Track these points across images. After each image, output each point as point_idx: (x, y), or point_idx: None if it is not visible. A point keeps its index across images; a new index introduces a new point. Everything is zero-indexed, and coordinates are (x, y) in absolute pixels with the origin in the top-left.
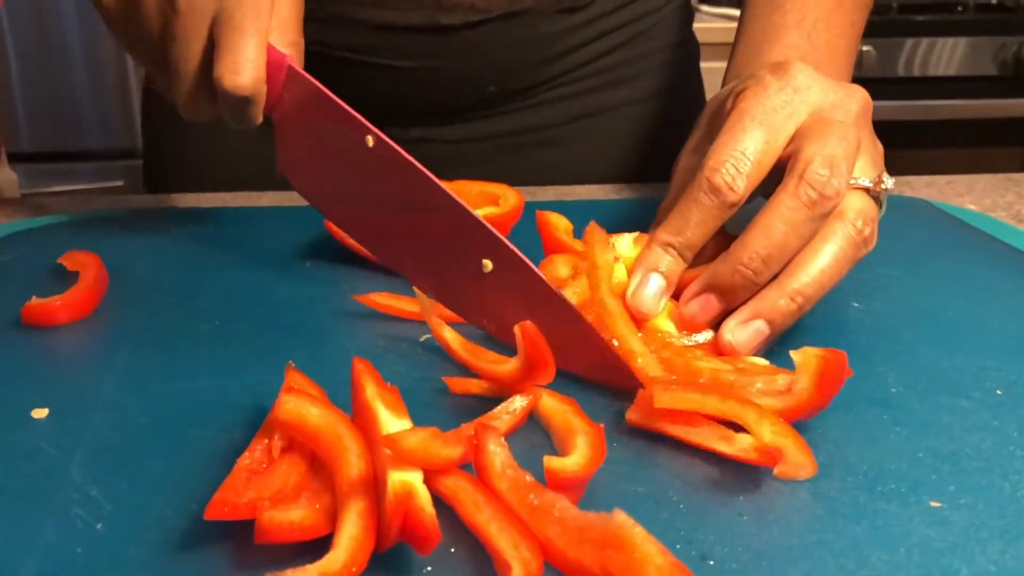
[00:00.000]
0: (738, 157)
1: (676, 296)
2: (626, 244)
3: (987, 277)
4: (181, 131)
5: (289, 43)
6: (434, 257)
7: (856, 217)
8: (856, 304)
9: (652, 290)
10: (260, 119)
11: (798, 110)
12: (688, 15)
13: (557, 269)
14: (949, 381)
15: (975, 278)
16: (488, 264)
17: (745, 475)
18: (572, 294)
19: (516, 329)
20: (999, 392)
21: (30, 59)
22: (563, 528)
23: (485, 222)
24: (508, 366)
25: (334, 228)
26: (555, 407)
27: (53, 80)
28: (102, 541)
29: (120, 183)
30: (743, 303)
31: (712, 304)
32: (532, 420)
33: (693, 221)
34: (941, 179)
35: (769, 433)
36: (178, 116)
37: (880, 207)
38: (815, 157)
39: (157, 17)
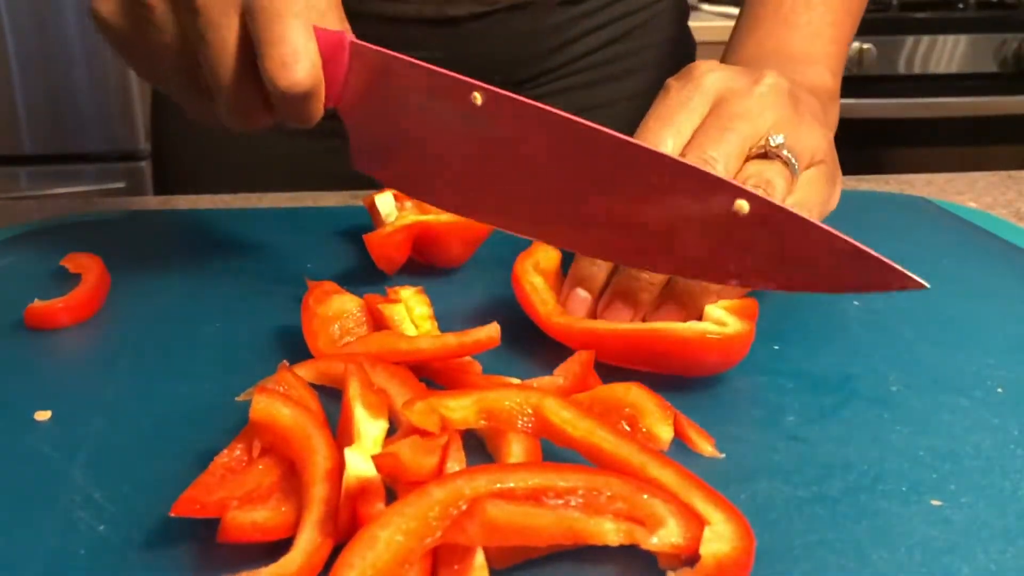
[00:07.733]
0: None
1: None
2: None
3: (988, 275)
4: (190, 132)
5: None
6: (629, 215)
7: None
8: (856, 303)
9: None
10: (321, 114)
11: (698, 104)
12: (684, 12)
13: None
14: (950, 379)
15: (976, 276)
16: (744, 205)
17: (744, 473)
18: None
19: None
20: (1000, 390)
21: (31, 61)
22: None
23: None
24: None
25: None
26: None
27: (54, 82)
28: (104, 543)
29: (122, 185)
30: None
31: (620, 311)
32: None
33: None
34: (941, 177)
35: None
36: (187, 117)
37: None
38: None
39: (172, 22)
